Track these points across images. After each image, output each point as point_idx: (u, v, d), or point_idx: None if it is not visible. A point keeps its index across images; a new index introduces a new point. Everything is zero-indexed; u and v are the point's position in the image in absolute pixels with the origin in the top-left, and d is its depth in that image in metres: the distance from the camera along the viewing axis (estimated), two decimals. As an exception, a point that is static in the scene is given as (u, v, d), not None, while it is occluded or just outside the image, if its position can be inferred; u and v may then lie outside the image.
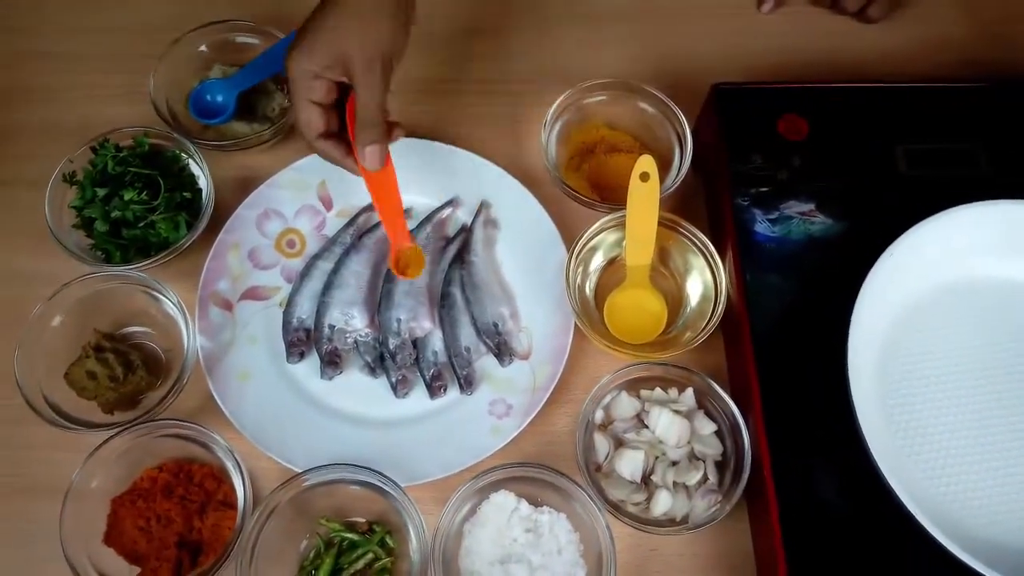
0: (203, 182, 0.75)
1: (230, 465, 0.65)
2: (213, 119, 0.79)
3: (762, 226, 0.69)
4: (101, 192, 0.72)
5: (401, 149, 0.78)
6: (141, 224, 0.72)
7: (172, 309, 0.70)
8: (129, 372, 0.69)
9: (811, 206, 0.70)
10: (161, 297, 0.71)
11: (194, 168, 0.76)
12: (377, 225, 0.77)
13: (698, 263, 0.72)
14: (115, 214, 0.71)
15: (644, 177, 0.70)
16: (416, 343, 0.72)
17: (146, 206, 0.72)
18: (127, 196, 0.71)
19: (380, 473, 0.63)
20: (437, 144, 0.79)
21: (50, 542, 0.62)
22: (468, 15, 0.89)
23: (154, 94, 0.78)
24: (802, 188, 0.70)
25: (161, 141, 0.76)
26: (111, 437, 0.65)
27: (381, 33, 0.61)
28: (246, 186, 0.78)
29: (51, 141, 0.81)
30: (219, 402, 0.69)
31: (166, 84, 0.79)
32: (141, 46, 0.83)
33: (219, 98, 0.79)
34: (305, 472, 0.64)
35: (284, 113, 0.80)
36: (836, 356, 0.61)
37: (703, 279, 0.71)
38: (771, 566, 0.61)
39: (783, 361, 0.65)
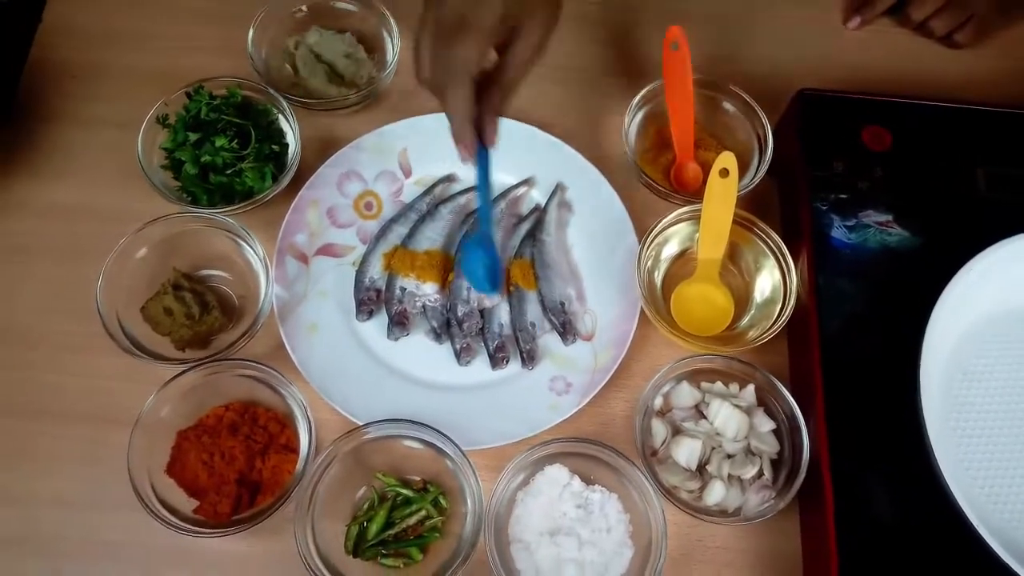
0: (290, 138, 0.77)
1: (297, 410, 0.67)
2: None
3: (839, 232, 0.69)
4: (193, 136, 0.74)
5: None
6: (229, 171, 0.74)
7: (252, 256, 0.72)
8: (204, 312, 0.71)
9: (889, 217, 0.70)
10: (243, 243, 0.72)
11: (283, 124, 0.78)
12: (453, 196, 0.79)
13: (769, 263, 0.72)
14: (205, 159, 0.73)
15: (724, 173, 0.71)
16: (483, 313, 0.73)
17: (235, 154, 0.74)
18: (218, 142, 0.73)
19: (441, 433, 0.65)
20: (519, 124, 0.80)
21: (116, 468, 0.64)
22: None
23: (251, 49, 0.80)
24: (881, 198, 0.71)
25: (253, 94, 0.78)
26: (185, 371, 0.67)
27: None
28: (329, 147, 0.80)
29: (144, 85, 0.83)
30: (289, 350, 0.70)
31: (263, 40, 0.81)
32: (239, 1, 0.85)
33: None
34: (368, 424, 0.66)
35: (372, 81, 0.82)
36: (906, 366, 0.62)
37: (772, 280, 0.72)
38: (822, 570, 0.61)
39: (849, 367, 0.65)
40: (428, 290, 0.73)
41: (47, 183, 0.80)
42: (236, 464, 0.66)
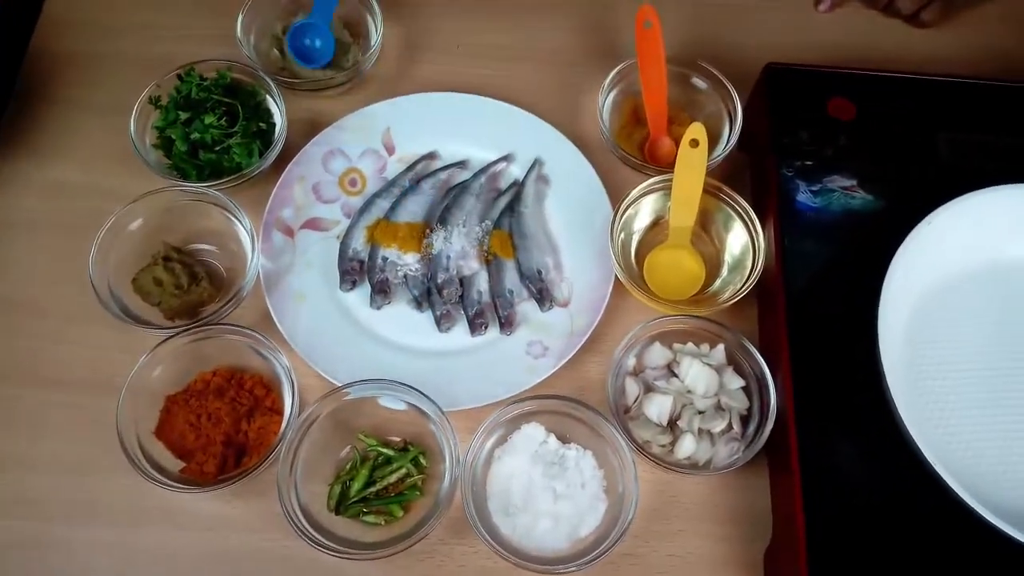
0: (277, 117, 0.80)
1: (282, 373, 0.69)
2: (314, 64, 0.84)
3: (804, 196, 0.72)
4: (183, 115, 0.77)
5: (465, 105, 0.84)
6: (218, 148, 0.77)
7: (240, 229, 0.75)
8: (193, 283, 0.74)
9: (853, 182, 0.72)
10: (231, 217, 0.75)
11: (270, 104, 0.81)
12: (434, 172, 0.81)
13: (738, 228, 0.75)
14: (195, 136, 0.76)
15: (694, 143, 0.74)
16: (463, 281, 0.75)
17: (224, 131, 0.77)
18: (207, 120, 0.76)
19: (420, 392, 0.67)
20: (498, 102, 0.83)
21: (107, 432, 0.66)
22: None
23: (240, 34, 0.83)
24: (846, 165, 0.73)
25: (242, 77, 0.81)
26: (174, 334, 0.69)
27: None
28: (314, 127, 0.83)
29: (140, 73, 0.85)
30: (275, 318, 0.73)
31: (252, 27, 0.85)
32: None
33: (318, 43, 0.84)
34: (349, 384, 0.68)
35: (356, 64, 0.85)
36: (868, 324, 0.63)
37: (742, 244, 0.74)
38: (789, 523, 0.63)
39: (814, 324, 0.67)
40: (409, 260, 0.76)
41: (49, 163, 0.83)
42: (222, 426, 0.68)
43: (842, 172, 0.73)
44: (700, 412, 0.68)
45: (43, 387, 0.73)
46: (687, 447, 0.66)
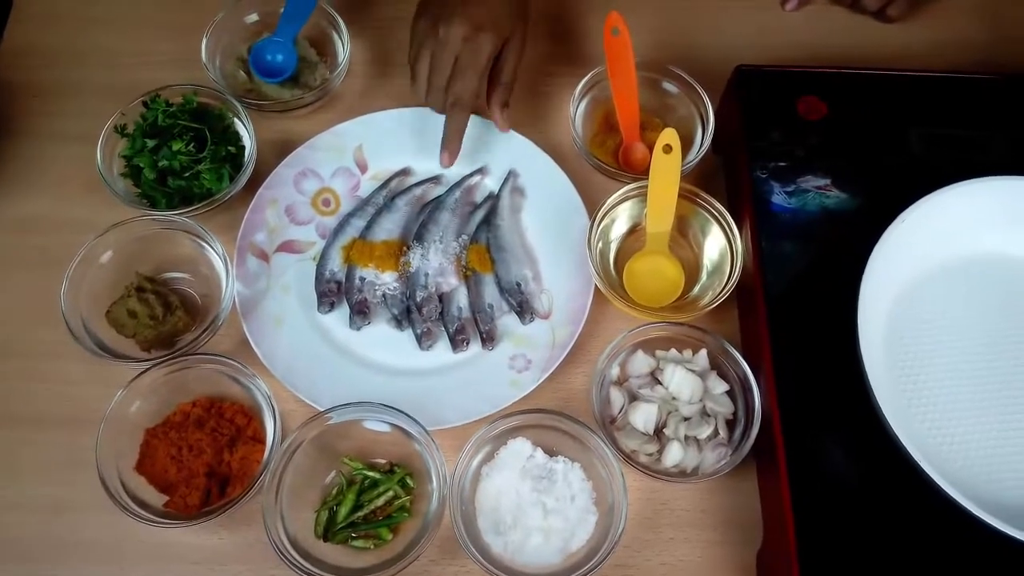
0: (247, 140, 0.79)
1: (262, 401, 0.68)
2: (275, 78, 0.83)
3: (779, 197, 0.72)
4: (150, 143, 0.76)
5: (437, 120, 0.82)
6: (187, 174, 0.76)
7: (213, 256, 0.74)
8: (168, 312, 0.73)
9: (827, 181, 0.72)
10: (203, 244, 0.74)
11: (238, 127, 0.80)
12: (408, 188, 0.81)
13: (715, 232, 0.75)
14: (163, 163, 0.75)
15: (667, 149, 0.74)
16: (442, 298, 0.75)
17: (193, 157, 0.76)
18: (175, 147, 0.75)
19: (403, 412, 0.66)
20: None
21: (88, 469, 0.65)
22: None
23: (205, 57, 0.82)
24: (819, 164, 0.73)
25: (209, 100, 0.80)
26: (150, 367, 0.68)
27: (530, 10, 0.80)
28: (285, 148, 0.82)
29: (106, 100, 0.83)
30: (253, 344, 0.72)
31: (217, 49, 0.84)
32: (193, 15, 0.87)
33: (279, 58, 0.84)
34: (331, 409, 0.67)
35: (324, 82, 0.84)
36: (848, 322, 0.63)
37: (719, 247, 0.74)
38: (779, 525, 0.63)
39: (795, 325, 0.67)
40: (387, 279, 0.75)
41: (14, 197, 0.81)
42: (204, 457, 0.67)
43: (816, 171, 0.73)
44: (686, 419, 0.68)
45: (20, 427, 0.72)
46: (674, 455, 0.66)
